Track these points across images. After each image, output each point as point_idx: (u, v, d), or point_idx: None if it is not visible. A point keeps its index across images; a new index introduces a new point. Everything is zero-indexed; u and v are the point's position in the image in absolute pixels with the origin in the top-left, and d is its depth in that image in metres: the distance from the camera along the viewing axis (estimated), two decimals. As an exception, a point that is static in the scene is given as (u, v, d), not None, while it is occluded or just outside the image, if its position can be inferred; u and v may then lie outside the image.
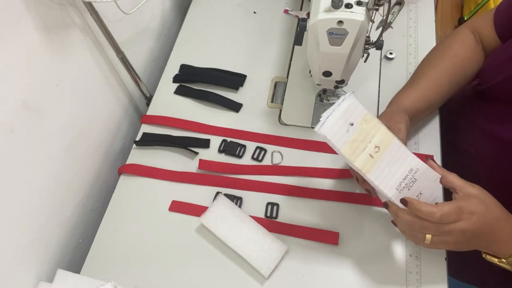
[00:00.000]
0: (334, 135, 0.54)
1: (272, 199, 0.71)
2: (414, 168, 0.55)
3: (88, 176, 0.78)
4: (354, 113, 0.55)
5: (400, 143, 0.56)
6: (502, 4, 0.66)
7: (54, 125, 0.65)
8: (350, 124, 0.54)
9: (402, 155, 0.55)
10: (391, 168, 0.55)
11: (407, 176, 0.55)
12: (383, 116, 0.64)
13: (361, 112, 0.55)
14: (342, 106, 0.55)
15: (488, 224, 0.51)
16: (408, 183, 0.55)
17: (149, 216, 0.71)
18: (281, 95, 0.83)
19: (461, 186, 0.53)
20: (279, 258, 0.64)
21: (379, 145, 0.55)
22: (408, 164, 0.55)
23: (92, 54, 0.72)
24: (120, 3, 0.67)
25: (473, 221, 0.50)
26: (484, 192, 0.53)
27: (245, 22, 0.93)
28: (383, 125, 0.56)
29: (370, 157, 0.54)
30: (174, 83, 0.86)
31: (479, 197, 0.52)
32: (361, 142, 0.55)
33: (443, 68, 0.68)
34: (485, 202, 0.52)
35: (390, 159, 0.55)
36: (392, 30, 0.87)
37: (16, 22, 0.54)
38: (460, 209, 0.50)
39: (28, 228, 0.63)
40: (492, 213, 0.52)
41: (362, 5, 0.57)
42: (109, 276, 0.65)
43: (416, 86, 0.68)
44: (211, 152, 0.77)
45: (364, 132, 0.55)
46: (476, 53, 0.68)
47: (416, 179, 0.55)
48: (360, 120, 0.55)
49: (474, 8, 1.59)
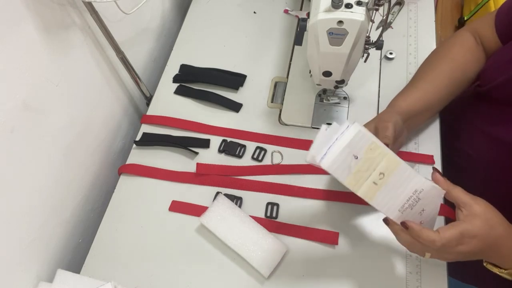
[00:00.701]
0: (336, 169, 0.51)
1: (272, 199, 0.71)
2: (419, 189, 0.53)
3: (88, 176, 0.78)
4: (358, 143, 0.51)
5: (406, 167, 0.52)
6: (504, 6, 0.66)
7: (54, 125, 0.65)
8: (355, 157, 0.51)
9: (407, 178, 0.53)
10: (395, 191, 0.53)
11: (411, 197, 0.53)
12: (374, 119, 0.64)
13: (366, 141, 0.51)
14: (346, 137, 0.50)
15: (487, 245, 0.51)
16: (411, 204, 0.53)
17: (149, 216, 0.71)
18: (281, 95, 0.83)
19: (466, 203, 0.51)
20: (279, 258, 0.64)
21: (384, 171, 0.52)
22: (412, 186, 0.53)
23: (92, 54, 0.72)
24: (120, 3, 0.67)
25: (473, 244, 0.50)
26: (488, 210, 0.51)
27: (245, 22, 0.93)
28: (389, 151, 0.52)
29: (373, 185, 0.52)
30: (174, 83, 0.86)
31: (484, 217, 0.51)
32: (365, 171, 0.52)
33: (442, 71, 0.68)
34: (489, 223, 0.50)
35: (395, 183, 0.52)
36: (392, 30, 0.87)
37: (16, 22, 0.54)
38: (462, 235, 0.50)
39: (28, 228, 0.63)
40: (494, 234, 0.51)
41: (362, 5, 0.57)
42: (109, 276, 0.65)
43: (413, 89, 0.68)
44: (211, 152, 0.77)
45: (369, 161, 0.51)
46: (476, 56, 0.68)
47: (420, 198, 0.53)
48: (365, 150, 0.51)
49: (474, 8, 1.59)
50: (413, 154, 0.72)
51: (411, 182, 0.53)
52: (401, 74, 0.82)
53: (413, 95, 0.67)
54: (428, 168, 0.71)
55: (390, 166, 0.52)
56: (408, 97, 0.67)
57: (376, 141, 0.52)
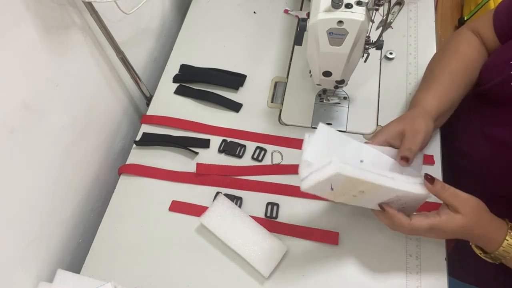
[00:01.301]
0: (314, 191, 0.54)
1: (272, 199, 0.71)
2: (400, 195, 0.55)
3: (88, 176, 0.78)
4: (336, 180, 0.52)
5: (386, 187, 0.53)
6: (501, 5, 0.66)
7: (54, 125, 0.65)
8: (331, 188, 0.53)
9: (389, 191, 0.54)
10: (376, 198, 0.56)
11: (391, 198, 0.56)
12: (404, 119, 0.62)
13: (344, 177, 0.52)
14: (325, 173, 0.51)
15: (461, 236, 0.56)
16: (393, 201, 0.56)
17: (149, 216, 0.71)
18: (281, 95, 0.83)
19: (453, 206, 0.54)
20: (279, 258, 0.64)
21: (363, 190, 0.54)
22: (394, 193, 0.55)
23: (92, 54, 0.72)
24: (120, 3, 0.67)
25: (443, 236, 0.58)
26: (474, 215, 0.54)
27: (245, 22, 0.93)
28: (369, 177, 0.53)
29: (353, 197, 0.56)
30: (174, 83, 0.86)
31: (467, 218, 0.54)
32: (344, 195, 0.56)
33: (456, 68, 0.67)
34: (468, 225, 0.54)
35: (375, 195, 0.55)
36: (392, 30, 0.87)
37: (16, 22, 0.54)
38: (431, 228, 0.54)
39: (28, 228, 0.63)
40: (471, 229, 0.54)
41: (362, 5, 0.57)
42: (109, 276, 0.65)
43: (438, 85, 0.65)
44: (211, 152, 0.77)
45: (348, 188, 0.54)
46: (482, 53, 0.68)
47: (401, 197, 0.56)
48: (344, 182, 0.52)
49: (474, 8, 1.59)
50: (413, 154, 0.72)
51: (394, 193, 0.55)
52: (401, 74, 0.82)
53: (440, 92, 0.65)
54: (429, 168, 0.71)
55: (370, 188, 0.54)
56: (437, 94, 0.65)
57: (354, 176, 0.51)
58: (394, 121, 0.62)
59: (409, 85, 0.81)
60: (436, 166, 0.71)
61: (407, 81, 0.81)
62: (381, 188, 0.53)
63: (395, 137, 0.60)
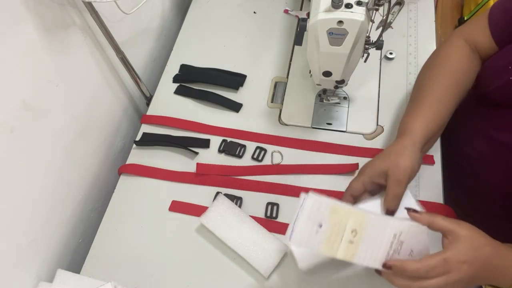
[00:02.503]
0: (307, 242, 0.51)
1: (272, 199, 0.71)
2: (398, 233, 0.52)
3: (88, 176, 0.78)
4: (319, 212, 0.51)
5: (376, 216, 0.52)
6: (494, 10, 0.65)
7: (54, 125, 0.65)
8: (319, 225, 0.51)
9: (381, 226, 0.52)
10: (375, 243, 0.52)
11: (392, 243, 0.52)
12: (389, 156, 0.58)
13: (326, 206, 0.51)
14: (305, 210, 0.51)
15: (478, 267, 0.50)
16: (396, 249, 0.52)
17: (149, 216, 0.71)
18: (281, 95, 0.83)
19: (450, 230, 0.51)
20: (279, 258, 0.64)
21: (355, 227, 0.52)
22: (390, 232, 0.52)
23: (92, 54, 0.72)
24: (120, 3, 0.67)
25: (464, 270, 0.49)
26: (472, 232, 0.51)
27: (245, 22, 0.93)
28: (352, 208, 0.53)
29: (350, 244, 0.52)
30: (174, 83, 0.86)
31: (468, 240, 0.50)
32: (336, 234, 0.52)
33: (446, 86, 0.65)
34: (473, 245, 0.50)
35: (371, 236, 0.52)
36: (392, 30, 0.87)
37: (16, 22, 0.54)
38: (446, 261, 0.49)
39: (28, 228, 0.63)
40: (482, 255, 0.50)
41: (362, 5, 0.57)
42: (109, 276, 0.65)
43: (425, 109, 0.63)
44: (211, 152, 0.77)
45: (336, 224, 0.51)
46: (474, 63, 0.67)
47: (402, 241, 0.52)
48: (329, 214, 0.51)
49: (474, 8, 1.59)
50: (413, 154, 0.72)
51: (387, 229, 0.52)
52: (401, 74, 0.82)
53: (427, 117, 0.62)
54: (429, 168, 0.71)
55: (360, 221, 0.52)
56: (425, 118, 0.62)
57: (336, 204, 0.51)
58: (378, 159, 0.59)
59: (409, 85, 0.81)
60: (436, 166, 0.71)
61: (407, 81, 0.81)
62: (370, 218, 0.52)
63: (379, 176, 0.58)
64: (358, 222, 0.52)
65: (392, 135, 0.76)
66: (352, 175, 0.72)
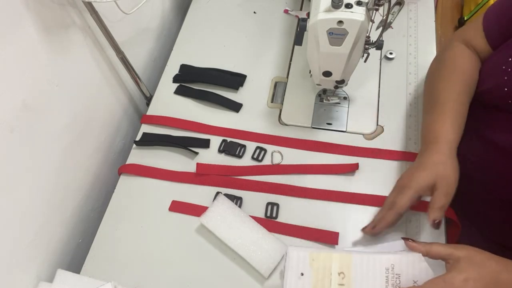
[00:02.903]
0: None
1: (272, 199, 0.71)
2: (389, 266, 0.52)
3: (88, 176, 0.78)
4: (300, 261, 0.53)
5: (360, 255, 0.53)
6: (490, 13, 0.65)
7: (54, 125, 0.65)
8: (301, 274, 0.53)
9: (368, 263, 0.52)
10: (368, 281, 0.52)
11: (387, 277, 0.52)
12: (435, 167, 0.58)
13: (304, 257, 0.53)
14: (289, 262, 0.54)
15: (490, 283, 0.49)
16: (394, 283, 0.52)
17: (149, 216, 0.71)
18: (281, 95, 0.83)
19: (448, 254, 0.51)
20: (279, 258, 0.64)
21: (341, 270, 0.52)
22: (380, 267, 0.52)
23: (92, 54, 0.72)
24: (120, 3, 0.67)
25: (472, 286, 0.48)
26: (471, 251, 0.51)
27: (245, 22, 0.93)
28: (333, 251, 0.53)
29: (341, 286, 0.52)
30: (174, 83, 0.86)
31: (467, 259, 0.50)
32: (323, 280, 0.52)
33: (460, 88, 0.65)
34: (474, 262, 0.49)
35: (361, 274, 0.52)
36: (392, 30, 0.87)
37: (16, 22, 0.54)
38: (446, 282, 0.48)
39: (28, 228, 0.63)
40: (488, 269, 0.49)
41: (362, 5, 0.57)
42: (109, 276, 0.65)
43: (451, 113, 0.63)
44: (211, 152, 0.77)
45: (320, 270, 0.53)
46: (476, 64, 0.67)
47: (398, 273, 0.52)
48: (309, 263, 0.53)
49: (474, 8, 1.59)
50: (413, 154, 0.72)
51: (376, 265, 0.52)
52: (401, 74, 0.82)
53: (455, 120, 0.63)
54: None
55: (345, 262, 0.52)
56: (454, 123, 0.63)
57: (313, 251, 0.53)
58: (423, 170, 0.59)
59: (409, 85, 0.81)
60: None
61: (407, 81, 0.81)
62: (357, 258, 0.52)
63: (427, 189, 0.58)
64: (343, 264, 0.52)
65: (392, 135, 0.75)
66: (352, 175, 0.72)
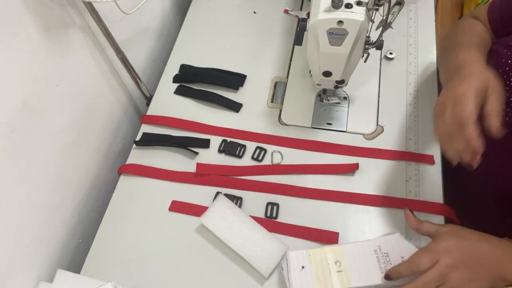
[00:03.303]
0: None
1: (272, 199, 0.71)
2: (376, 248, 0.61)
3: (88, 176, 0.78)
4: (299, 259, 0.62)
5: (349, 245, 0.62)
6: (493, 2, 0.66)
7: (54, 125, 0.65)
8: (302, 267, 0.61)
9: (358, 249, 0.61)
10: (362, 263, 0.60)
11: (378, 257, 0.60)
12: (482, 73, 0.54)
13: (302, 254, 0.62)
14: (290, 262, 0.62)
15: (471, 249, 0.51)
16: (385, 261, 0.59)
17: (149, 216, 0.71)
18: (281, 95, 0.83)
19: (435, 230, 0.55)
20: (279, 258, 0.64)
21: (337, 259, 0.61)
22: (369, 250, 0.61)
23: (92, 54, 0.72)
24: (120, 3, 0.67)
25: (453, 253, 0.51)
26: (454, 227, 0.55)
27: (245, 22, 0.93)
28: (326, 246, 0.62)
29: (340, 273, 0.59)
30: (174, 83, 0.86)
31: (449, 232, 0.54)
32: (323, 270, 0.60)
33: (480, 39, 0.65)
34: (455, 234, 0.53)
35: (354, 259, 0.60)
36: (392, 30, 0.87)
37: (16, 22, 0.54)
38: (427, 250, 0.52)
39: (28, 228, 0.63)
40: (468, 241, 0.53)
41: (362, 5, 0.57)
42: (109, 276, 0.65)
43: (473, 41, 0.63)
44: (211, 152, 0.77)
45: (318, 263, 0.61)
46: (490, 36, 0.67)
47: (386, 252, 0.60)
48: (307, 259, 0.61)
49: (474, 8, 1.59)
50: (413, 154, 0.72)
51: (365, 248, 0.61)
52: (401, 74, 0.82)
53: (480, 45, 0.63)
54: (429, 168, 0.71)
55: (338, 253, 0.61)
56: (479, 48, 0.62)
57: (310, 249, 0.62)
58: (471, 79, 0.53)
59: (409, 85, 0.81)
60: (436, 166, 0.71)
61: (407, 81, 0.81)
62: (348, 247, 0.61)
63: (482, 93, 0.52)
64: (337, 254, 0.61)
65: (392, 135, 0.75)
66: (352, 175, 0.72)
